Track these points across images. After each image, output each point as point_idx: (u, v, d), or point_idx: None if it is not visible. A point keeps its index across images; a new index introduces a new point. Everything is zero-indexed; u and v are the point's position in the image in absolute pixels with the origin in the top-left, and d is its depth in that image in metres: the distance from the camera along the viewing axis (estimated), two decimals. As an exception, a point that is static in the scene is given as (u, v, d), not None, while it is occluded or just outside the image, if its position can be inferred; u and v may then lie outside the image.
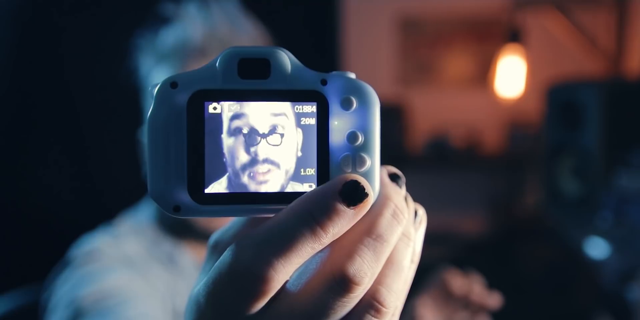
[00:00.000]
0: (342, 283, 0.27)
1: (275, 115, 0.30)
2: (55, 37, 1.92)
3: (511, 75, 2.10)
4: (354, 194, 0.28)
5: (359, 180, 0.29)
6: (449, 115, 2.77)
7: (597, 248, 1.38)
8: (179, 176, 0.30)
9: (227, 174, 0.30)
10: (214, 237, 0.34)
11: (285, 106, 0.31)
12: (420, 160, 2.67)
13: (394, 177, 0.32)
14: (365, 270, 0.28)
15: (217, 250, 0.33)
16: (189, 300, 0.29)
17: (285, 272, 0.27)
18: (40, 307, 0.76)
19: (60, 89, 1.94)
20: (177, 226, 0.84)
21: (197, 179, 0.30)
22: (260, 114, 0.30)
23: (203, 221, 0.81)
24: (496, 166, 2.72)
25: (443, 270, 0.83)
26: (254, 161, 0.30)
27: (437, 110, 2.79)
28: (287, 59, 0.31)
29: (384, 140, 0.33)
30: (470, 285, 0.80)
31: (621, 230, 1.34)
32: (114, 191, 1.50)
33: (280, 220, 0.28)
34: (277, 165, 0.30)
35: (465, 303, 0.80)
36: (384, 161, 0.32)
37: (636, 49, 2.19)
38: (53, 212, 1.85)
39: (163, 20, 0.80)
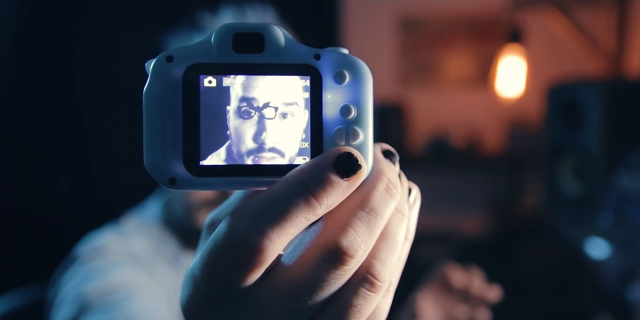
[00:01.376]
0: (336, 255, 0.27)
1: (272, 88, 0.31)
2: (64, 36, 1.92)
3: (511, 75, 2.10)
4: (348, 166, 0.29)
5: (352, 152, 0.29)
6: (449, 115, 2.77)
7: (597, 248, 1.38)
8: (175, 148, 0.30)
9: (226, 145, 0.30)
10: (209, 217, 0.34)
11: (282, 79, 0.31)
12: (420, 160, 2.67)
13: (387, 154, 0.33)
14: (358, 243, 0.28)
15: (212, 229, 0.33)
16: (185, 275, 0.29)
17: (280, 242, 0.27)
18: (47, 304, 0.77)
19: (67, 89, 1.95)
20: (183, 225, 0.85)
21: (193, 151, 0.30)
22: (255, 87, 0.31)
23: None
24: (496, 166, 2.72)
25: (443, 264, 0.84)
26: (255, 136, 0.30)
27: (437, 110, 2.79)
28: (281, 34, 0.31)
29: (384, 139, 0.33)
30: (470, 279, 0.81)
31: (622, 230, 1.34)
32: (120, 190, 1.50)
33: (274, 191, 0.28)
34: (281, 141, 0.31)
35: (465, 297, 0.81)
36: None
37: (637, 49, 2.19)
38: (59, 211, 1.86)
39: (198, 28, 0.81)
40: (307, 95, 0.31)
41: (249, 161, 0.31)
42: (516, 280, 2.19)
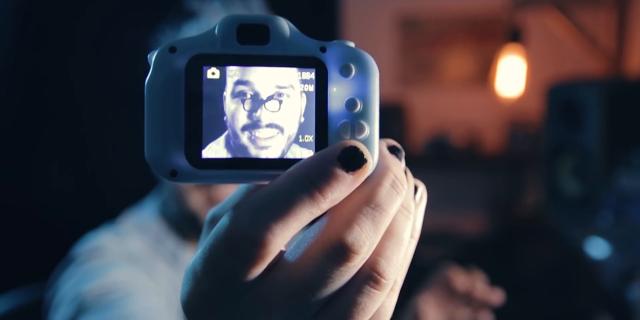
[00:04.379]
0: (340, 251, 0.27)
1: (277, 80, 0.30)
2: (62, 33, 1.91)
3: (511, 75, 2.10)
4: (353, 160, 0.28)
5: (358, 146, 0.29)
6: (449, 115, 2.77)
7: (597, 248, 1.38)
8: (177, 140, 0.30)
9: (225, 134, 0.30)
10: (211, 212, 0.34)
11: (287, 72, 0.31)
12: (420, 160, 2.67)
13: (393, 150, 0.32)
14: (363, 239, 0.27)
15: (213, 224, 0.33)
16: (185, 271, 0.29)
17: (284, 236, 0.27)
18: (45, 304, 0.77)
19: (63, 88, 1.94)
20: (181, 224, 0.84)
21: (195, 143, 0.30)
22: (261, 79, 0.30)
23: (205, 215, 0.81)
24: (496, 166, 2.72)
25: (445, 267, 0.83)
26: (255, 126, 0.30)
27: (437, 110, 2.79)
28: (286, 26, 0.31)
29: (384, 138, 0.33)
30: (473, 282, 0.80)
31: (621, 230, 1.34)
32: (118, 189, 1.50)
33: (278, 184, 0.28)
34: (279, 131, 0.30)
35: (468, 300, 0.80)
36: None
37: (636, 49, 2.19)
38: (56, 210, 1.85)
39: (187, 16, 0.81)
40: (312, 88, 0.31)
41: (254, 154, 0.30)
42: (516, 280, 2.19)
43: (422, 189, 0.34)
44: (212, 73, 0.30)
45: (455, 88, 2.80)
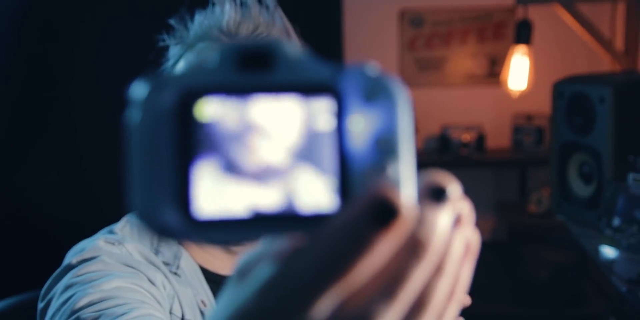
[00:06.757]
0: None
1: (281, 114, 0.26)
2: (63, 36, 1.90)
3: (518, 73, 2.07)
4: (385, 215, 0.24)
5: (388, 197, 0.24)
6: (454, 113, 2.74)
7: (608, 250, 1.36)
8: (168, 193, 0.25)
9: (222, 182, 0.26)
10: (243, 261, 0.29)
11: (292, 104, 0.26)
12: (424, 159, 2.65)
13: (435, 194, 0.26)
14: (381, 315, 0.25)
15: (244, 277, 0.29)
16: None
17: (312, 316, 0.25)
18: (38, 312, 0.75)
19: (62, 90, 1.93)
20: None
21: (189, 195, 0.25)
22: (263, 113, 0.26)
23: None
24: (503, 165, 2.70)
25: None
26: (256, 168, 0.26)
27: (441, 108, 2.77)
28: (293, 50, 0.26)
29: None
30: None
31: (632, 231, 1.32)
32: (116, 195, 1.48)
33: (304, 264, 0.24)
34: (284, 174, 0.26)
35: None
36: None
37: (646, 46, 2.16)
38: (53, 216, 1.84)
39: (200, 5, 0.80)
40: (328, 122, 0.26)
41: (256, 204, 0.25)
42: (523, 282, 2.16)
43: (475, 240, 0.29)
44: (207, 108, 0.25)
45: (460, 86, 2.78)
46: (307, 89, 0.26)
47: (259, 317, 0.24)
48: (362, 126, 0.26)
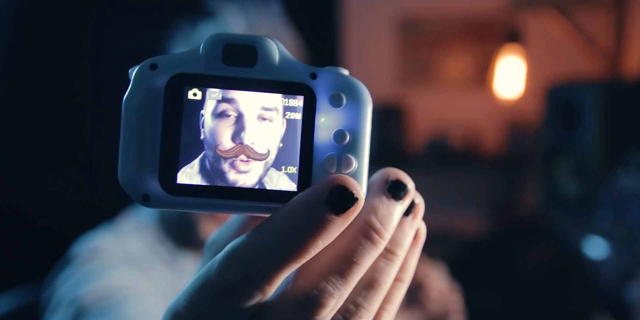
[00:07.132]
0: (307, 306, 0.27)
1: (260, 105, 0.29)
2: (69, 31, 1.91)
3: (510, 76, 2.10)
4: (342, 200, 0.27)
5: (347, 185, 0.27)
6: (448, 115, 2.76)
7: (595, 248, 1.38)
8: (151, 163, 0.28)
9: (201, 160, 0.29)
10: (211, 238, 0.34)
11: (271, 97, 0.29)
12: (419, 161, 2.67)
13: (393, 187, 0.30)
14: (330, 292, 0.27)
15: (211, 250, 0.33)
16: (167, 311, 0.29)
17: (271, 290, 0.27)
18: (41, 306, 0.76)
19: (63, 87, 1.94)
20: (179, 225, 0.84)
21: (170, 167, 0.28)
22: (244, 103, 0.29)
23: (203, 225, 0.81)
24: (495, 166, 2.72)
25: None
26: (232, 151, 0.29)
27: (436, 110, 2.79)
28: (275, 48, 0.29)
29: (383, 140, 0.32)
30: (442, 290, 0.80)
31: (620, 230, 1.34)
32: (116, 190, 1.49)
33: (265, 240, 0.27)
34: (258, 158, 0.29)
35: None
36: (383, 162, 0.32)
37: (635, 50, 2.19)
38: (54, 210, 1.85)
39: (203, 14, 0.81)
40: (298, 116, 0.29)
41: (230, 180, 0.29)
42: (514, 280, 2.18)
43: (423, 231, 0.32)
44: (194, 94, 0.29)
45: (455, 88, 2.80)
46: (283, 87, 0.29)
47: (221, 286, 0.27)
48: (329, 122, 0.29)
